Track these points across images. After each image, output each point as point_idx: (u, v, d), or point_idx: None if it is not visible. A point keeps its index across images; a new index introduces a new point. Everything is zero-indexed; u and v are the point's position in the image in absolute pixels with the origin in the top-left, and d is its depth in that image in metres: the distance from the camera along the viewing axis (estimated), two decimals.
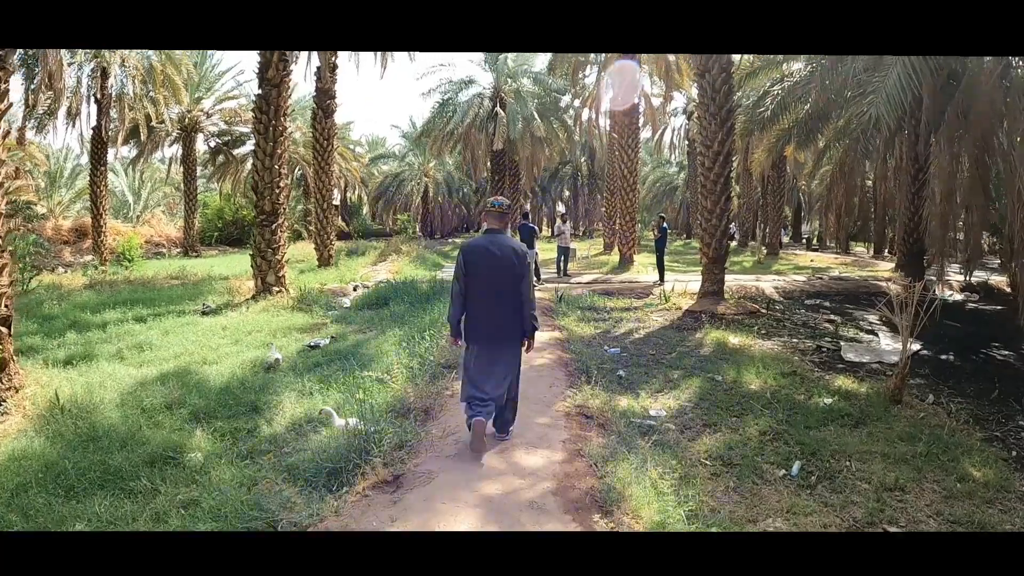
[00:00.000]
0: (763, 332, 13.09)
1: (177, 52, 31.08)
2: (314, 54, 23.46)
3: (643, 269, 24.35)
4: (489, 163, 37.49)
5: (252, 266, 16.93)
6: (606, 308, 15.30)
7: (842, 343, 12.41)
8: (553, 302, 15.32)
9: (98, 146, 29.68)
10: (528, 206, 58.60)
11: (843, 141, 21.30)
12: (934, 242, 16.02)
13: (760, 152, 24.07)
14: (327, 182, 25.80)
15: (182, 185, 40.68)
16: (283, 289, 16.65)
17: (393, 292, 16.07)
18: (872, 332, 13.69)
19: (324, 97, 25.10)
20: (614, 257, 28.42)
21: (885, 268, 27.74)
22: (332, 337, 11.98)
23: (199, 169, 42.98)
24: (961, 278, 19.62)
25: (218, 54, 38.56)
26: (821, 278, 22.40)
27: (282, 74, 16.74)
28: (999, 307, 17.28)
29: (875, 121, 12.65)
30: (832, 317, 15.34)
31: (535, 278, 18.24)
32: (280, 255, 16.72)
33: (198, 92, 38.37)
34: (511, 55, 34.81)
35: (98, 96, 28.66)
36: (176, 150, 40.10)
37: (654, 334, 12.48)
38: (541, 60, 35.28)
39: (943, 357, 12.00)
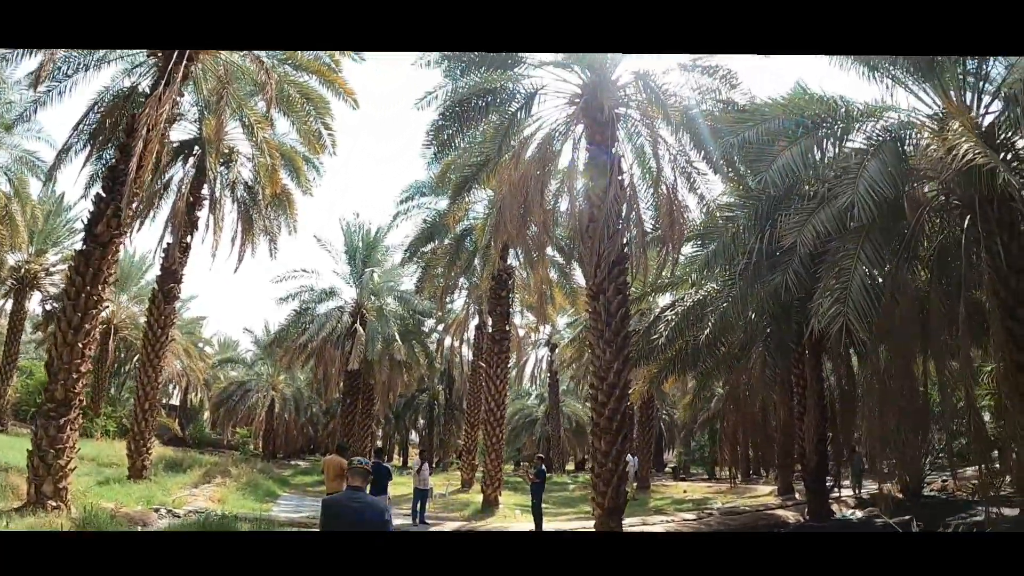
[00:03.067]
0: None
1: (33, 193, 27.83)
2: (167, 229, 20.52)
3: (511, 513, 21.35)
4: (342, 383, 34.88)
5: (27, 467, 13.07)
6: None
7: None
8: None
9: None
10: (380, 433, 55.29)
11: (726, 368, 20.66)
12: (881, 458, 15.87)
13: (640, 383, 22.59)
14: (154, 377, 21.99)
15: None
16: (62, 505, 12.70)
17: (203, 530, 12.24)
18: None
19: (168, 279, 22.03)
20: (475, 496, 25.24)
21: (764, 491, 27.50)
22: None
23: (30, 332, 38.18)
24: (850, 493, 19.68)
25: (76, 209, 34.41)
26: (711, 513, 20.73)
27: (113, 232, 13.91)
28: (906, 517, 15.86)
29: (827, 336, 11.42)
30: None
31: None
32: (65, 459, 12.96)
33: (44, 244, 34.09)
34: (377, 271, 33.53)
35: None
36: (6, 303, 35.29)
37: None
38: (408, 280, 34.16)
39: None
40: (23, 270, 33.20)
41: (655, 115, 14.31)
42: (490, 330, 25.28)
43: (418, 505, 18.68)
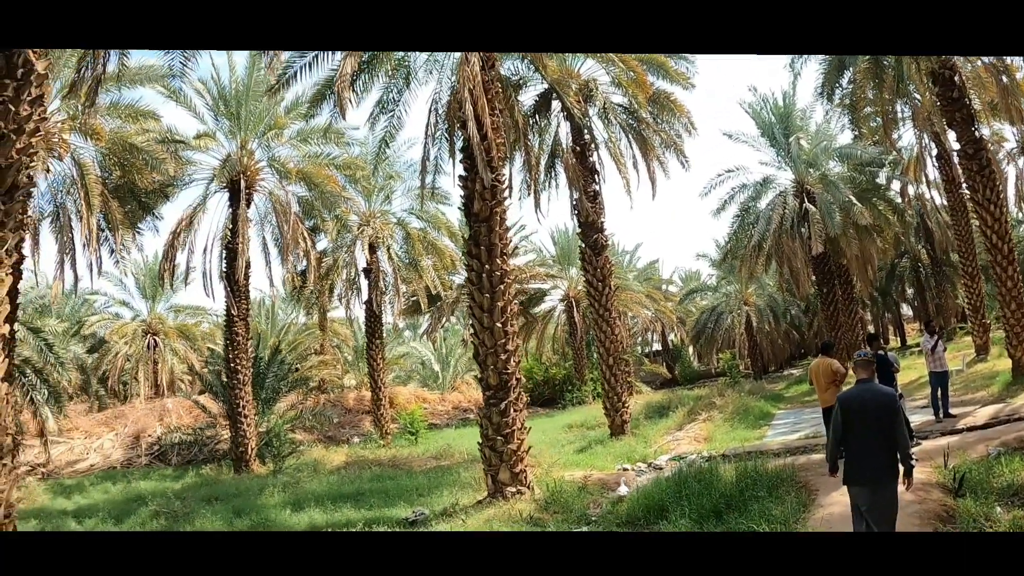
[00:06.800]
0: None
1: (449, 219, 30.71)
2: (571, 187, 20.29)
3: None
4: (812, 273, 32.03)
5: (481, 458, 12.94)
6: None
7: None
8: (951, 486, 8.43)
9: (372, 320, 29.38)
10: (868, 316, 49.50)
11: None
12: None
13: None
14: (609, 332, 21.55)
15: None
16: (522, 488, 12.23)
17: (678, 490, 9.84)
18: None
19: (590, 232, 21.60)
20: (999, 364, 19.95)
21: None
22: None
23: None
24: None
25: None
26: None
27: (490, 204, 13.21)
28: None
29: None
30: None
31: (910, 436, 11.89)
32: (515, 443, 12.50)
33: None
34: (802, 137, 29.65)
35: (368, 268, 28.73)
36: None
37: None
38: (842, 135, 29.72)
39: None
40: None
41: None
42: (956, 146, 19.97)
43: (938, 392, 14.66)
